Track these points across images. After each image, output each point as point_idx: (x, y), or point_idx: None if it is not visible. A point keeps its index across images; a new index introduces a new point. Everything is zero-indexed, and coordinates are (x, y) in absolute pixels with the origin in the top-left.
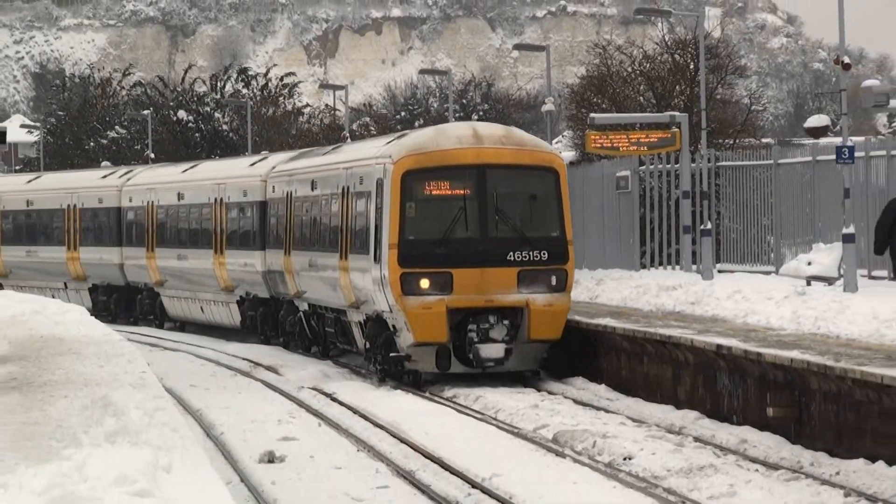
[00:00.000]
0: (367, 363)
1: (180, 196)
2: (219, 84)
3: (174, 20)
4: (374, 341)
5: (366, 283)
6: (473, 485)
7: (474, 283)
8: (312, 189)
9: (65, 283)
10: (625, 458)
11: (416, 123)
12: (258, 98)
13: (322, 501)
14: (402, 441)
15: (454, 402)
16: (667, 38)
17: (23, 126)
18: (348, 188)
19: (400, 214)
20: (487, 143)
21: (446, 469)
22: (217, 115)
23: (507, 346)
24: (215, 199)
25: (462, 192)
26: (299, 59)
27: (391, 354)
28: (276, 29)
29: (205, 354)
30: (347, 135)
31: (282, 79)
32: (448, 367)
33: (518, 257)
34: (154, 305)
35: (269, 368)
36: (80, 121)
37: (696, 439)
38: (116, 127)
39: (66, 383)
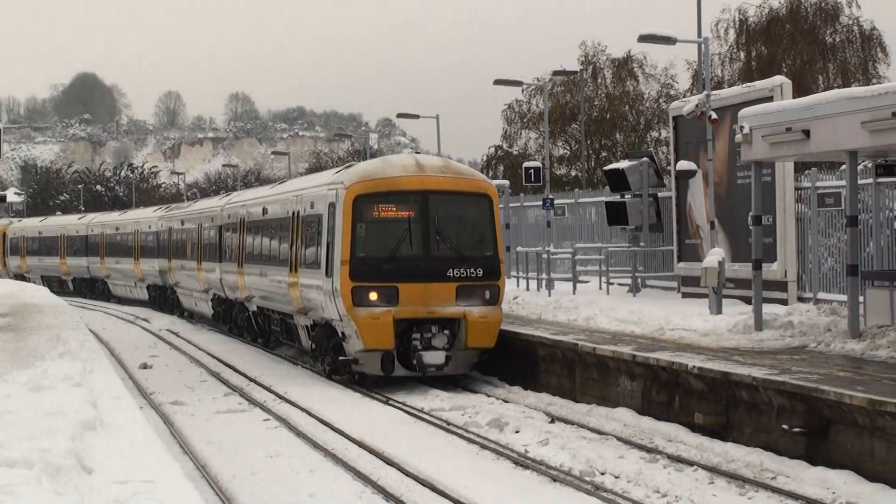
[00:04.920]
0: (314, 361)
1: (182, 222)
2: (118, 171)
3: (95, 138)
4: (321, 344)
5: (316, 295)
6: (250, 379)
7: (418, 296)
8: (264, 214)
9: (135, 282)
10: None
11: (221, 193)
12: (139, 178)
13: (172, 387)
14: (213, 357)
15: (243, 337)
16: (350, 149)
17: (15, 193)
18: (298, 212)
19: (351, 234)
20: (429, 171)
21: (237, 372)
22: (117, 188)
23: (447, 353)
24: (198, 225)
25: (407, 214)
26: (160, 159)
27: (340, 358)
28: (148, 143)
29: (110, 312)
30: (186, 198)
31: (151, 169)
32: (392, 370)
33: (456, 273)
34: (175, 299)
35: (144, 319)
36: (45, 191)
37: None
38: (64, 194)
39: (37, 327)
